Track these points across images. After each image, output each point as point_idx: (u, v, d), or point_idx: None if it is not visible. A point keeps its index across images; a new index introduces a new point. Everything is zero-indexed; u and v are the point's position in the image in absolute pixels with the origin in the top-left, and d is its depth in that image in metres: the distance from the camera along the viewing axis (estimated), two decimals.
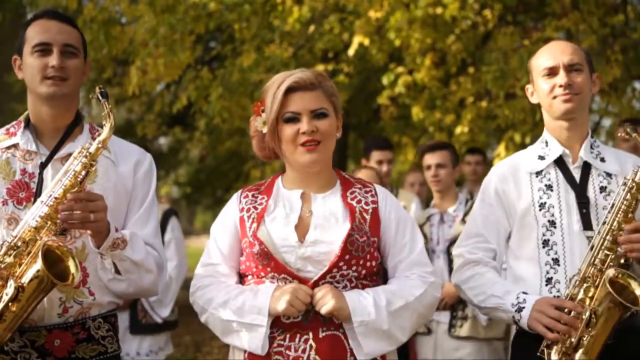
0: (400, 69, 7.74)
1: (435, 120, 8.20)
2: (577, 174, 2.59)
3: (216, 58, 9.20)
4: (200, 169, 14.43)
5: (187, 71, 7.74)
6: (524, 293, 2.51)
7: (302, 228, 2.31)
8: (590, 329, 2.34)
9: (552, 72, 2.58)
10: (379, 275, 2.39)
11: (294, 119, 2.31)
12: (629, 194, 2.44)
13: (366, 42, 7.09)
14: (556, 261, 2.51)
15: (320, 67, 7.36)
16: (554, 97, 2.57)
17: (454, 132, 8.17)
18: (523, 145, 7.73)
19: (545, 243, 2.55)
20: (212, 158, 12.83)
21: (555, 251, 2.53)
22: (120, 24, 7.44)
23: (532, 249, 2.57)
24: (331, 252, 2.25)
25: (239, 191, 2.47)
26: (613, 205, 2.46)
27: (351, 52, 7.28)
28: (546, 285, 2.52)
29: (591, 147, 2.62)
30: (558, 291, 2.49)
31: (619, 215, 2.43)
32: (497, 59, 6.94)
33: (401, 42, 7.14)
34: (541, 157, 2.64)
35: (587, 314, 2.35)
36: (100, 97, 2.27)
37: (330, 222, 2.30)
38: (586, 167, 2.59)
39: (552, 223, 2.55)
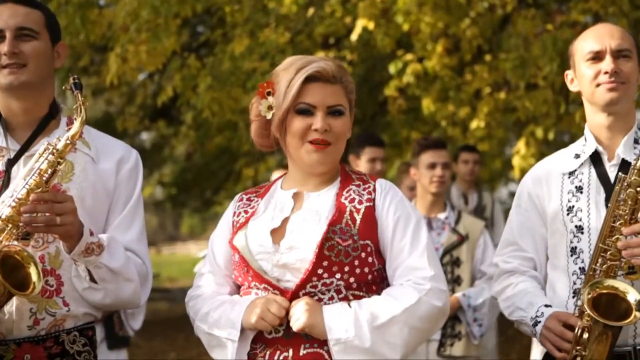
0: (409, 57, 7.74)
1: (448, 113, 8.21)
2: (613, 173, 2.55)
3: (205, 44, 9.21)
4: (186, 167, 14.42)
5: (172, 59, 7.74)
6: (547, 306, 2.51)
7: (282, 232, 2.30)
8: (583, 347, 2.34)
9: (597, 56, 2.55)
10: (382, 285, 2.35)
11: (308, 111, 2.29)
12: (623, 194, 2.41)
13: (371, 26, 7.09)
14: (583, 271, 2.50)
15: (319, 55, 7.36)
16: (598, 85, 2.54)
17: (469, 126, 8.19)
18: (545, 141, 7.75)
19: (573, 251, 2.54)
20: (200, 155, 12.83)
21: (582, 259, 2.52)
22: (98, 7, 7.44)
23: (563, 257, 2.57)
24: (307, 258, 2.22)
25: (238, 194, 2.50)
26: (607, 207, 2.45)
27: (354, 37, 7.28)
28: (573, 297, 2.52)
29: (635, 142, 2.58)
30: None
31: (615, 220, 2.40)
32: (517, 46, 6.94)
33: (410, 26, 7.14)
34: (577, 155, 2.63)
35: (577, 330, 2.35)
36: (74, 88, 2.27)
37: (309, 223, 2.28)
38: (624, 165, 2.55)
39: (580, 228, 2.54)
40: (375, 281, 2.31)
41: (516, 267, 2.67)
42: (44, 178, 2.22)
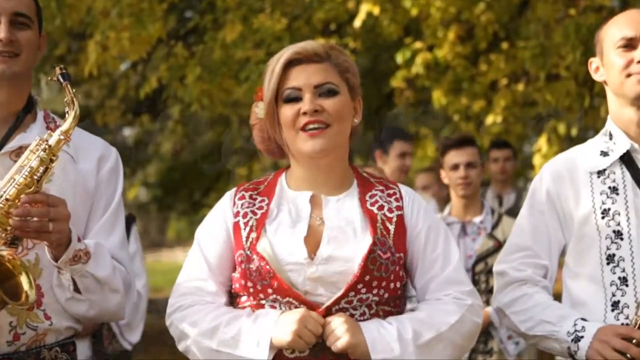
0: (417, 45, 7.75)
1: (460, 107, 8.21)
2: None
3: (193, 31, 9.22)
4: (173, 166, 14.45)
5: (157, 47, 7.76)
6: (583, 320, 2.49)
7: (312, 241, 2.28)
8: None
9: (629, 44, 2.55)
10: (403, 299, 2.38)
11: (295, 98, 2.30)
12: None
13: (376, 11, 7.10)
14: (624, 281, 2.50)
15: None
16: (628, 75, 2.53)
17: (484, 121, 8.20)
18: (568, 138, 7.76)
19: (610, 258, 2.52)
20: (188, 153, 12.87)
21: (622, 268, 2.50)
22: None
23: (594, 265, 2.55)
24: (348, 272, 2.23)
25: (233, 190, 2.45)
26: None
27: (358, 23, 7.30)
28: (612, 310, 2.50)
29: None
30: (627, 317, 2.47)
31: None
32: (537, 33, 6.96)
33: (419, 11, 7.17)
34: (604, 153, 2.62)
35: None
36: (62, 80, 2.28)
37: (347, 234, 2.28)
38: None
39: (618, 234, 2.52)
40: (400, 296, 2.34)
41: (529, 276, 2.64)
42: (35, 177, 2.22)
